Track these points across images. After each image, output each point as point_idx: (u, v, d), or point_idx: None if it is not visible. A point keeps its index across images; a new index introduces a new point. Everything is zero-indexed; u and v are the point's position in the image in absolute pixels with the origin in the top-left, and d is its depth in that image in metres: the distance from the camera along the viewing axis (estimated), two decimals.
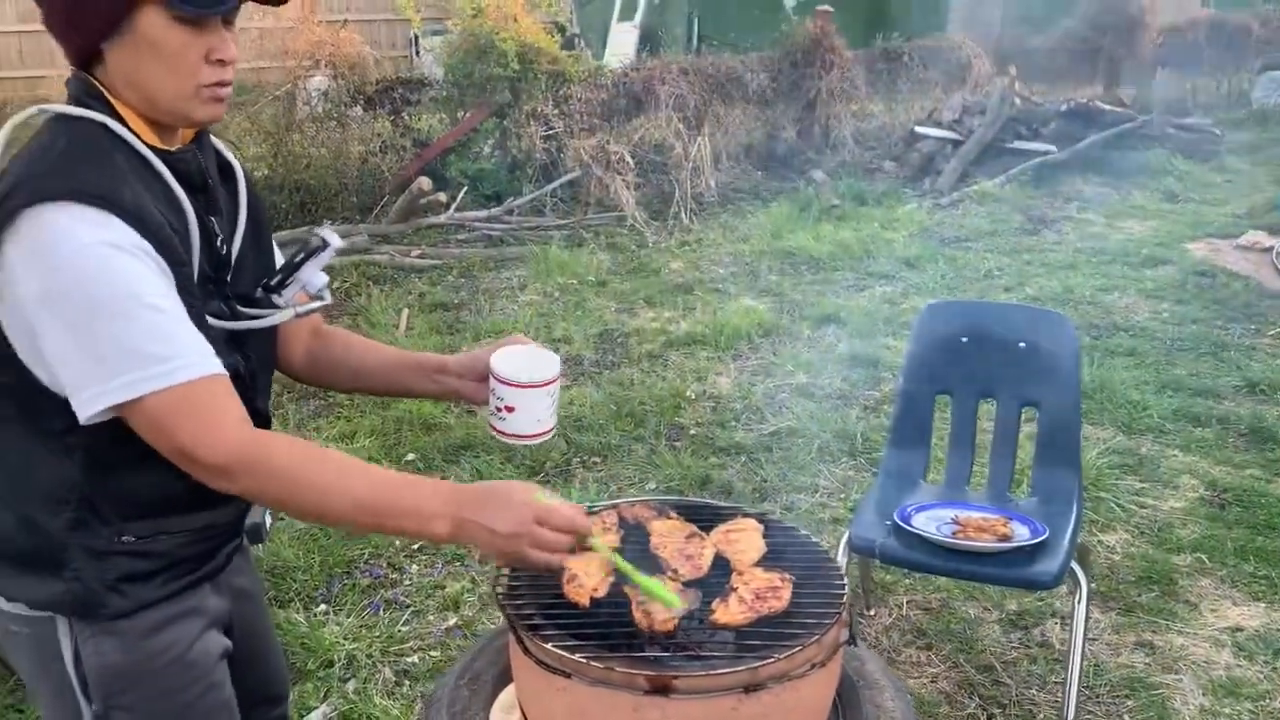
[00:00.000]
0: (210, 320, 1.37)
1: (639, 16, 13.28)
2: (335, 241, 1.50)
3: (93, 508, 1.36)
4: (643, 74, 9.28)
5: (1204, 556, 3.50)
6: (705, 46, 11.83)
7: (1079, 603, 2.58)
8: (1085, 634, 2.61)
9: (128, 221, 1.25)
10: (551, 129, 8.71)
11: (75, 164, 1.28)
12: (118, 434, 1.32)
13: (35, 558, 1.38)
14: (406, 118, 9.12)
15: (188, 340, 1.28)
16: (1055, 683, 2.91)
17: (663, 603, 1.48)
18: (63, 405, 1.30)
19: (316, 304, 1.52)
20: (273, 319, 1.46)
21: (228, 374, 1.32)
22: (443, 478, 4.05)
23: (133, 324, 1.24)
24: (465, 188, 8.43)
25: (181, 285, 1.31)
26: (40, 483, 1.36)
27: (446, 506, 1.34)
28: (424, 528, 1.35)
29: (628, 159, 8.39)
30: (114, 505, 1.37)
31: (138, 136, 1.34)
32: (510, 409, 1.56)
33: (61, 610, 1.39)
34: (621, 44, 13.06)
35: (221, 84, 1.37)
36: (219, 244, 1.44)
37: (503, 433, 1.60)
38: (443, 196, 8.10)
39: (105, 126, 1.32)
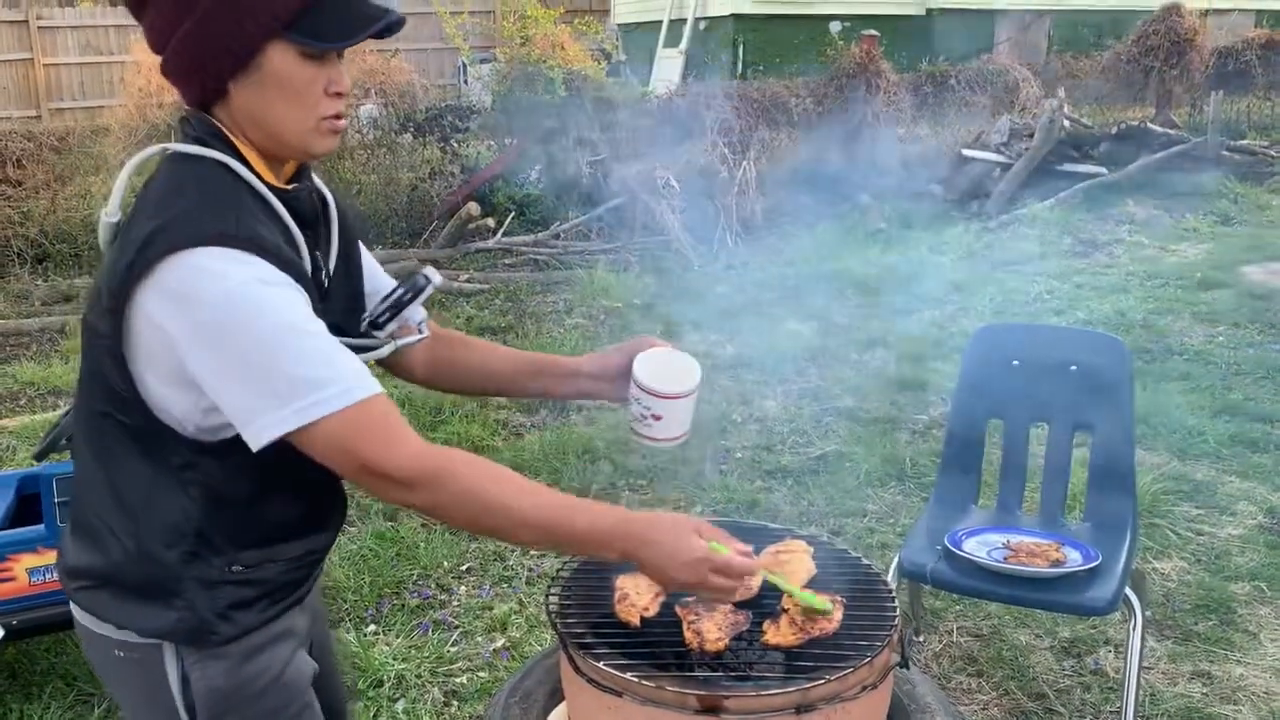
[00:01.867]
0: None
1: (684, 43, 13.37)
2: (437, 280, 1.56)
3: (207, 540, 1.39)
4: (688, 100, 9.34)
5: (1263, 585, 3.42)
6: (751, 72, 11.88)
7: (1134, 630, 2.53)
8: (1141, 662, 2.57)
9: (270, 260, 1.29)
10: (598, 154, 8.79)
11: (212, 208, 1.31)
12: (235, 469, 1.35)
13: (148, 588, 1.40)
14: (455, 144, 9.26)
15: (348, 362, 1.31)
16: (1110, 712, 2.86)
17: (815, 609, 1.51)
18: (184, 442, 1.34)
19: (415, 337, 1.57)
20: (375, 354, 1.49)
21: (385, 392, 1.35)
22: None
23: (295, 352, 1.27)
24: (512, 213, 8.52)
25: None
26: (159, 517, 1.38)
27: (617, 538, 1.36)
28: (595, 553, 1.39)
29: (673, 183, 8.44)
30: (227, 537, 1.40)
31: (257, 176, 1.37)
32: (658, 417, 1.59)
33: (172, 638, 1.42)
34: (667, 70, 13.15)
35: (339, 116, 1.41)
36: (323, 276, 1.47)
37: (648, 437, 1.63)
38: (490, 222, 8.20)
39: (227, 166, 1.35)
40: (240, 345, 1.26)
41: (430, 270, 1.55)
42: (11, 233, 7.97)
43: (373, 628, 3.32)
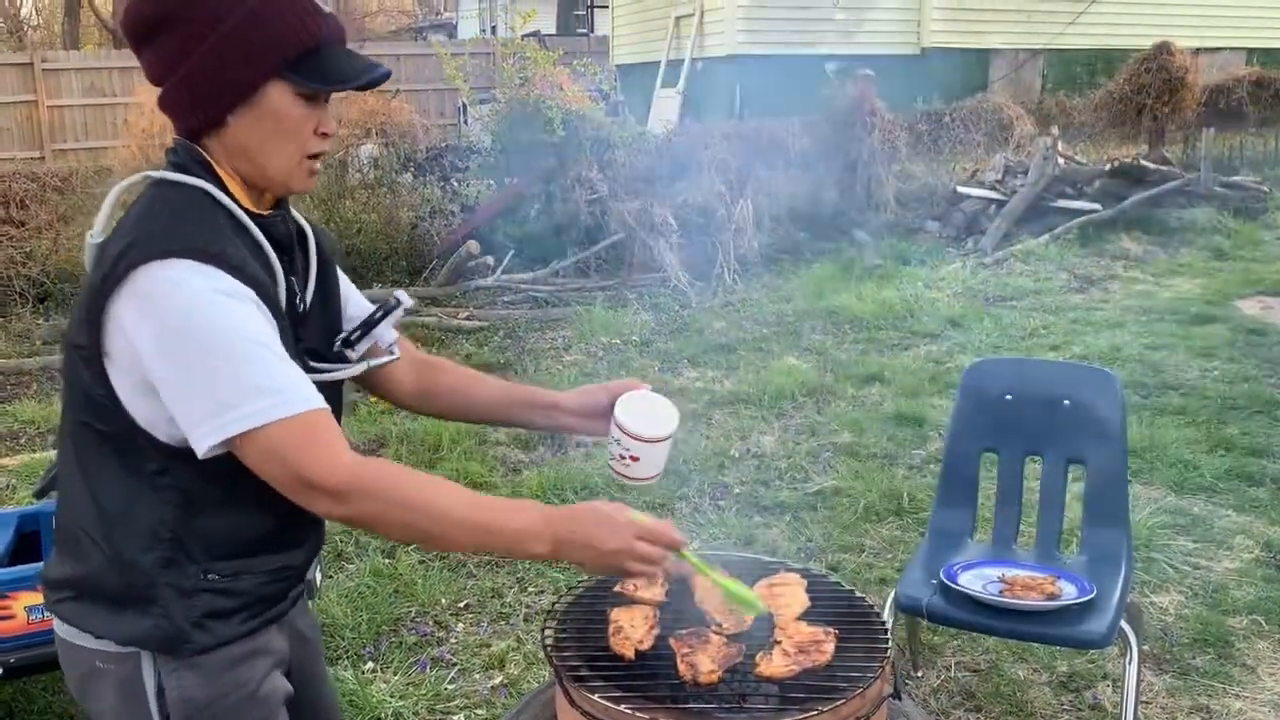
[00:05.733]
0: None
1: (682, 83, 13.51)
2: (407, 302, 1.64)
3: (182, 546, 1.44)
4: (685, 139, 9.42)
5: (1260, 619, 3.42)
6: (747, 111, 11.99)
7: (1130, 663, 2.54)
8: (1138, 696, 2.57)
9: (234, 275, 1.36)
10: (596, 193, 8.85)
11: (184, 225, 1.38)
12: (208, 476, 1.40)
13: (126, 596, 1.45)
14: (455, 183, 9.33)
15: (294, 376, 1.37)
16: None
17: (748, 608, 1.53)
18: (158, 448, 1.39)
19: (387, 358, 1.64)
20: (347, 372, 1.56)
21: (329, 409, 1.40)
22: None
23: (245, 362, 1.33)
24: (511, 251, 8.57)
25: (279, 335, 1.42)
26: (135, 523, 1.43)
27: (547, 527, 1.41)
28: (525, 547, 1.42)
29: (671, 221, 8.50)
30: (201, 544, 1.45)
31: (235, 202, 1.45)
32: (635, 458, 1.64)
33: (148, 646, 1.45)
34: (665, 109, 13.28)
35: (319, 156, 1.50)
36: (297, 301, 1.53)
37: (624, 475, 1.68)
38: (490, 260, 8.25)
39: (206, 192, 1.43)
40: (191, 351, 1.32)
41: (401, 293, 1.63)
42: (14, 272, 8.02)
43: (370, 665, 3.31)
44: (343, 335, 1.60)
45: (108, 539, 1.44)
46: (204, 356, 1.32)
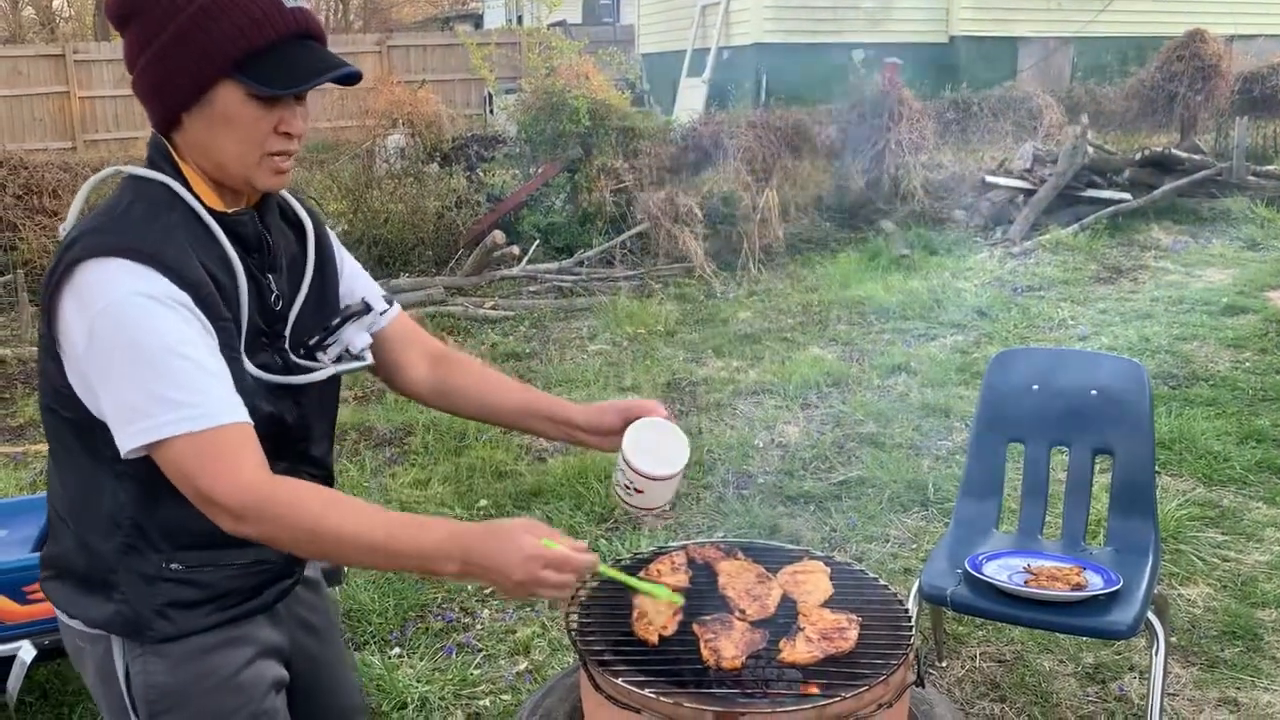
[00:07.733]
0: (255, 372, 1.45)
1: (708, 72, 13.47)
2: (377, 305, 1.60)
3: (142, 534, 1.45)
4: (711, 128, 9.41)
5: None
6: (773, 100, 11.94)
7: (1156, 655, 2.53)
8: (1164, 688, 2.56)
9: (168, 277, 1.34)
10: (621, 183, 8.86)
11: (128, 223, 1.38)
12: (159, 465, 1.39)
13: (91, 579, 1.47)
14: (481, 173, 9.37)
15: (212, 389, 1.35)
16: None
17: (662, 599, 1.54)
18: (112, 435, 1.39)
19: (356, 364, 1.59)
20: (309, 377, 1.52)
21: (251, 423, 1.38)
22: None
23: (162, 371, 1.32)
24: (537, 241, 8.60)
25: (223, 340, 1.40)
26: (97, 508, 1.45)
27: (454, 548, 1.36)
28: (433, 568, 1.37)
29: (696, 211, 8.49)
30: (162, 533, 1.45)
31: (198, 198, 1.43)
32: (639, 491, 1.60)
33: (112, 630, 1.47)
34: (690, 99, 13.25)
35: (285, 154, 1.45)
36: (273, 300, 1.51)
37: (628, 504, 1.64)
38: (515, 249, 8.27)
39: (168, 188, 1.42)
40: (115, 356, 1.32)
41: (374, 298, 1.60)
42: (47, 261, 8.11)
43: (397, 650, 3.35)
44: (306, 340, 1.55)
45: (76, 522, 1.47)
46: (123, 361, 1.32)
